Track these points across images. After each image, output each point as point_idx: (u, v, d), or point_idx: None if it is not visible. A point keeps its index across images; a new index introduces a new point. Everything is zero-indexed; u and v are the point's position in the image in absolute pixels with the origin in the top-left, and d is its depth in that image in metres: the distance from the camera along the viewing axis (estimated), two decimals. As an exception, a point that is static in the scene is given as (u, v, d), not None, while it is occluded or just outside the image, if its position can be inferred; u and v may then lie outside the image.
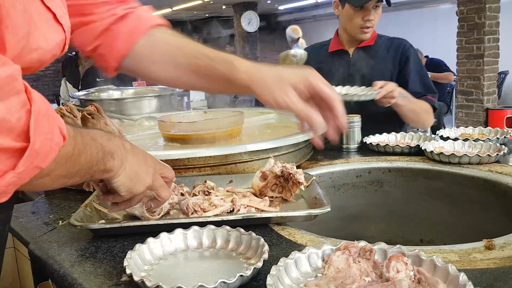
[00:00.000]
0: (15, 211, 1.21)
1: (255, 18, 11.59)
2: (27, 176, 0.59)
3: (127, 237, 0.98)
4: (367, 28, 2.03)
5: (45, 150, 0.60)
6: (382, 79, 2.04)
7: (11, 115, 0.55)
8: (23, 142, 0.57)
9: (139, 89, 2.84)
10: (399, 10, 11.16)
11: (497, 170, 1.37)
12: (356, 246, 0.78)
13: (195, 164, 1.32)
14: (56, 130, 0.62)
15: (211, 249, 0.91)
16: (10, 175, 0.57)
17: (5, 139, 0.55)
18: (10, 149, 0.56)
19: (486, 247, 0.87)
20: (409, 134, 1.77)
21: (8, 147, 0.56)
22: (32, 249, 0.98)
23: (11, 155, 0.56)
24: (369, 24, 2.02)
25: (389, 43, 2.12)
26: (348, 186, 1.55)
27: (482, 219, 1.39)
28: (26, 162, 0.57)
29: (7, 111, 0.55)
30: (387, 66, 2.08)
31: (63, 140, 0.63)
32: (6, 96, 0.55)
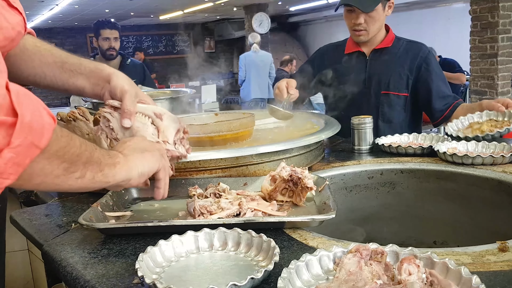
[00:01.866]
0: (28, 214, 1.23)
1: (266, 20, 11.59)
2: (25, 154, 0.60)
3: (138, 239, 0.99)
4: (359, 31, 2.02)
5: (38, 126, 0.61)
6: (399, 83, 2.03)
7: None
8: (13, 117, 0.58)
9: (151, 91, 2.85)
10: (412, 10, 11.08)
11: (511, 171, 1.36)
12: (368, 249, 0.77)
13: (206, 166, 1.33)
14: (43, 111, 0.64)
15: (222, 251, 0.91)
16: (6, 151, 0.58)
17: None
18: (2, 123, 0.57)
19: (500, 249, 0.86)
20: (421, 135, 1.76)
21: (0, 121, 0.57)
22: (46, 251, 0.99)
23: (4, 132, 0.58)
24: (358, 27, 2.01)
25: (408, 46, 2.09)
26: (360, 187, 1.54)
27: (496, 220, 1.37)
28: (20, 136, 0.59)
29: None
30: (404, 70, 2.05)
31: (54, 121, 0.65)
32: None
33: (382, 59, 2.09)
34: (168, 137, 1.04)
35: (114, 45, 3.54)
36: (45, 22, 12.11)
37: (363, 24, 1.99)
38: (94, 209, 1.05)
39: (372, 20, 2.00)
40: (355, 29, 2.03)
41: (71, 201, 1.33)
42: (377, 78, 2.06)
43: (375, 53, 2.10)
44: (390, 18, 2.11)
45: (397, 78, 2.04)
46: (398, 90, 2.04)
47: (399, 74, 2.05)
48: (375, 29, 2.04)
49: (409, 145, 1.62)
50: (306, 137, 1.45)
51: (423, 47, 2.10)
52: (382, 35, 2.10)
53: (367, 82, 2.07)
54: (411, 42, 2.13)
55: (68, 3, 9.32)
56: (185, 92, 2.62)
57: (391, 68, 2.06)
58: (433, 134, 1.74)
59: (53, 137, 0.65)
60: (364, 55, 2.12)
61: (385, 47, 2.09)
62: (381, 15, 2.02)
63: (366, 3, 1.93)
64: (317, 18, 14.33)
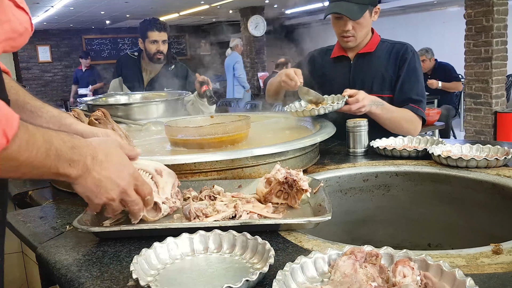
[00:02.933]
0: (23, 216, 1.23)
1: (262, 23, 11.62)
2: None
3: (133, 241, 0.99)
4: (347, 38, 2.04)
5: None
6: (382, 85, 2.05)
7: None
8: None
9: (146, 94, 2.84)
10: (407, 13, 11.13)
11: (505, 174, 1.36)
12: (362, 251, 0.78)
13: (201, 169, 1.33)
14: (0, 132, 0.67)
15: (217, 254, 0.91)
16: None
17: None
18: None
19: (494, 251, 0.87)
20: (416, 138, 1.76)
21: None
22: (40, 254, 0.99)
23: None
24: (346, 34, 2.03)
25: (390, 48, 2.11)
26: (355, 190, 1.54)
27: (490, 223, 1.38)
28: None
29: None
30: (387, 72, 2.06)
31: (6, 142, 0.68)
32: None
33: (365, 63, 2.11)
34: (167, 193, 1.07)
35: (162, 48, 3.23)
36: (40, 24, 12.07)
37: (351, 31, 2.02)
38: (89, 212, 1.05)
39: (359, 27, 2.02)
40: (343, 36, 2.05)
41: (65, 203, 1.32)
42: (361, 81, 2.08)
43: (358, 57, 2.13)
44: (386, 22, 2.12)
45: (380, 80, 2.06)
46: (382, 91, 2.05)
47: (382, 76, 2.06)
48: (362, 35, 2.06)
49: (403, 148, 1.63)
50: (302, 139, 1.45)
51: (407, 47, 2.10)
52: (367, 39, 2.12)
53: (351, 85, 2.08)
54: (394, 43, 2.14)
55: (63, 4, 9.29)
56: (180, 94, 2.62)
57: (373, 71, 2.08)
58: (428, 137, 1.75)
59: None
60: (348, 59, 2.15)
61: (367, 52, 2.11)
62: (368, 21, 2.04)
63: (354, 11, 1.96)
64: (313, 21, 14.35)
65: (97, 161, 0.88)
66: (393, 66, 2.06)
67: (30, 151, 0.74)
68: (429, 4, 10.82)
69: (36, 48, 12.97)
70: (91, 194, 0.89)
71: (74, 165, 0.83)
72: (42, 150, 0.76)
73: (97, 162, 0.88)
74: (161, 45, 3.23)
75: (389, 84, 2.05)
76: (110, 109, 2.15)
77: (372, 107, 1.85)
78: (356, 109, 1.80)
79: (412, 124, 2.00)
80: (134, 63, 3.35)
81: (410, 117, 2.00)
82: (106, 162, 0.89)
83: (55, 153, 0.79)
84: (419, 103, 2.02)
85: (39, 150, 0.76)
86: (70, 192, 1.40)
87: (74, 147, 0.84)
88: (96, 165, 0.87)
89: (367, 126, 1.74)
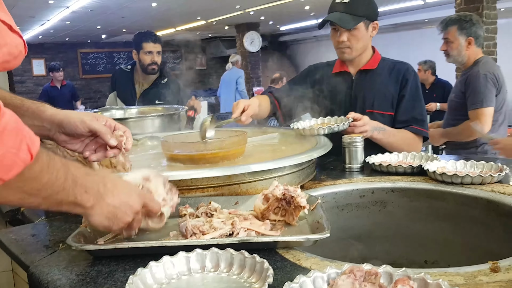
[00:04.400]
0: (14, 234, 1.20)
1: (257, 38, 11.71)
2: None
3: (129, 260, 0.97)
4: (343, 49, 2.08)
5: (8, 162, 0.65)
6: (384, 102, 2.07)
7: None
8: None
9: (142, 108, 2.84)
10: (399, 31, 11.26)
11: (499, 191, 1.37)
12: (362, 270, 0.77)
13: (198, 185, 1.32)
14: (24, 147, 0.67)
15: (215, 273, 0.89)
16: None
17: None
18: None
19: (492, 269, 0.86)
20: (411, 154, 1.77)
21: None
22: (32, 274, 0.97)
23: None
24: (341, 46, 2.06)
25: (392, 66, 2.13)
26: (352, 206, 1.54)
27: (487, 240, 1.37)
28: None
29: None
30: (388, 90, 2.09)
31: (30, 159, 0.68)
32: None
33: (367, 79, 2.13)
34: (161, 194, 1.06)
35: (157, 59, 3.33)
36: (36, 38, 12.10)
37: (346, 42, 2.05)
38: (83, 229, 1.03)
39: (354, 38, 2.05)
40: (339, 47, 2.09)
41: (58, 221, 1.30)
42: (362, 97, 2.10)
43: (360, 74, 2.14)
44: (378, 39, 2.15)
45: (381, 98, 2.08)
46: (383, 109, 2.07)
47: (384, 94, 2.08)
48: (358, 48, 2.08)
49: (399, 164, 1.63)
50: (298, 155, 1.45)
51: (408, 67, 2.13)
52: (368, 56, 2.15)
53: (352, 101, 2.11)
54: (395, 62, 2.17)
55: (59, 18, 9.33)
56: (177, 109, 2.62)
57: (375, 88, 2.10)
58: (422, 153, 1.76)
59: (23, 172, 0.68)
60: (350, 75, 2.17)
61: (370, 69, 2.13)
62: (364, 34, 2.07)
63: (347, 21, 2.00)
64: (307, 37, 14.50)
65: (108, 188, 0.90)
66: (394, 85, 2.08)
67: (50, 173, 0.75)
68: (420, 23, 10.96)
69: (30, 62, 12.98)
70: (109, 221, 0.91)
71: (89, 192, 0.85)
72: (61, 173, 0.77)
73: (108, 189, 0.90)
74: (156, 56, 3.31)
75: (390, 102, 2.07)
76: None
77: (374, 133, 1.89)
78: (358, 132, 1.83)
79: (413, 145, 2.03)
80: (127, 76, 3.42)
81: (411, 139, 2.03)
82: (115, 188, 0.91)
83: (72, 178, 0.80)
84: (421, 123, 2.06)
85: (59, 172, 0.77)
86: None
87: (88, 174, 0.86)
88: (108, 192, 0.90)
89: (363, 142, 1.74)
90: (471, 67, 3.06)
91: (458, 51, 3.04)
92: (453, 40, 3.03)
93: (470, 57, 3.07)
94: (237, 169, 1.32)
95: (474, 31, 3.02)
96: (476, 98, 2.93)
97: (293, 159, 1.42)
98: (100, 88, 14.11)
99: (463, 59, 3.08)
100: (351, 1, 2.02)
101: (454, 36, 3.03)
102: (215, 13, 9.88)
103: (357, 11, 2.01)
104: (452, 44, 3.04)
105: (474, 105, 2.94)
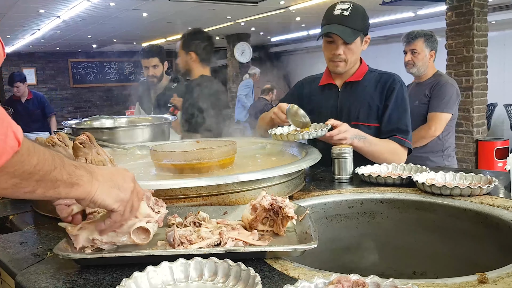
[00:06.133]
0: (2, 241, 1.19)
1: (248, 49, 11.76)
2: None
3: (116, 268, 0.97)
4: (337, 62, 2.05)
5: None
6: (368, 114, 2.06)
7: None
8: None
9: (132, 118, 2.84)
10: (390, 43, 11.38)
11: (488, 202, 1.38)
12: (349, 280, 0.77)
13: (187, 194, 1.31)
14: (11, 134, 0.67)
15: (199, 282, 0.89)
16: None
17: None
18: None
19: (480, 280, 0.87)
20: (400, 165, 1.78)
21: None
22: (19, 281, 0.96)
23: None
24: (336, 59, 2.04)
25: (378, 77, 2.12)
26: (341, 217, 1.54)
27: (475, 252, 1.38)
28: None
29: None
30: (374, 101, 2.08)
31: (18, 145, 0.69)
32: None
33: (352, 91, 2.12)
34: (146, 211, 1.04)
35: (153, 72, 3.64)
36: (26, 47, 12.04)
37: (342, 55, 2.03)
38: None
39: (350, 52, 2.04)
40: (333, 60, 2.06)
41: (47, 229, 1.29)
42: (347, 110, 2.09)
43: (346, 86, 2.14)
44: (369, 51, 2.15)
45: (367, 110, 2.07)
46: (368, 121, 2.06)
47: (369, 105, 2.08)
48: (352, 61, 2.07)
49: (388, 175, 1.64)
50: (287, 165, 1.45)
51: (394, 78, 2.11)
52: (355, 68, 2.14)
53: (338, 113, 2.10)
54: (382, 73, 2.16)
55: (50, 28, 9.31)
56: (167, 118, 2.62)
57: (360, 100, 2.09)
58: (412, 165, 1.77)
59: (12, 158, 0.68)
60: (336, 87, 2.16)
61: (355, 81, 2.12)
62: (359, 48, 2.07)
63: (348, 34, 1.98)
64: (298, 49, 14.60)
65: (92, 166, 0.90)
66: (379, 96, 2.08)
67: (38, 154, 0.74)
68: (411, 35, 11.09)
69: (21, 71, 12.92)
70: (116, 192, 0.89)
71: (79, 168, 0.84)
72: (47, 155, 0.77)
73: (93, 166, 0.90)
74: (152, 70, 3.61)
75: (375, 113, 2.06)
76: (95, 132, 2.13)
77: (354, 140, 1.86)
78: (337, 139, 1.81)
79: (396, 155, 1.99)
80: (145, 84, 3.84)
81: (394, 149, 1.99)
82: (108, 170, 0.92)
83: (59, 157, 0.79)
84: (405, 133, 2.02)
85: (45, 154, 0.76)
86: (52, 217, 1.37)
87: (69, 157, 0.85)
88: (95, 168, 0.89)
89: (352, 153, 1.75)
90: (432, 78, 3.25)
91: (423, 62, 3.23)
92: (419, 51, 3.21)
93: (429, 69, 3.27)
94: (226, 178, 1.32)
95: (435, 46, 3.27)
96: (439, 102, 3.12)
97: (282, 169, 1.42)
98: (91, 97, 14.07)
99: (424, 70, 3.26)
100: (351, 15, 1.99)
101: (421, 48, 3.21)
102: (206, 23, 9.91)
103: (355, 25, 1.99)
104: (418, 55, 3.21)
105: (436, 109, 3.12)
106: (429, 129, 3.10)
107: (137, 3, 7.43)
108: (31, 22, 8.68)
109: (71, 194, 0.83)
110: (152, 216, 1.05)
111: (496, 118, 9.41)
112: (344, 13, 1.99)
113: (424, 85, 3.24)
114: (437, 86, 3.16)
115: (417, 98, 3.21)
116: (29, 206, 1.54)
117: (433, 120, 3.10)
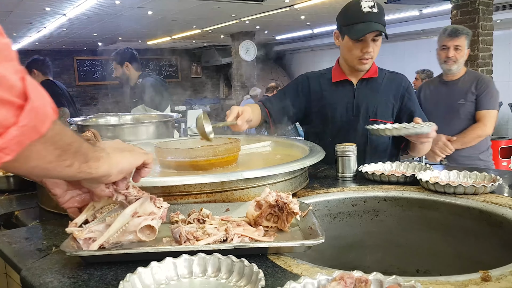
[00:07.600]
0: (8, 237, 1.20)
1: (252, 48, 11.76)
2: (27, 135, 0.64)
3: (120, 264, 0.97)
4: (366, 60, 2.04)
5: (43, 113, 0.67)
6: (385, 110, 2.08)
7: (9, 75, 0.61)
8: (23, 100, 0.63)
9: (137, 115, 2.85)
10: (395, 42, 11.35)
11: (492, 201, 1.38)
12: (352, 277, 0.77)
13: (191, 191, 1.32)
14: (48, 104, 0.69)
15: (203, 278, 0.89)
16: (13, 129, 0.62)
17: (7, 93, 0.61)
18: (13, 103, 0.62)
19: (483, 278, 0.87)
20: (404, 163, 1.78)
21: (10, 100, 0.61)
22: (25, 276, 0.97)
23: (13, 110, 0.62)
24: (367, 56, 2.02)
25: (391, 77, 2.16)
26: (344, 214, 1.54)
27: (478, 250, 1.38)
28: (27, 118, 0.63)
29: (5, 70, 0.61)
30: (389, 98, 2.11)
31: (55, 114, 0.70)
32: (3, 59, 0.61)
33: (368, 88, 2.13)
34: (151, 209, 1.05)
35: (115, 74, 4.15)
36: (32, 44, 12.09)
37: (372, 52, 2.02)
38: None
39: (377, 48, 2.05)
40: (363, 58, 2.03)
41: (52, 224, 1.30)
42: (365, 106, 2.09)
43: (361, 82, 2.14)
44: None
45: (384, 107, 2.09)
46: (385, 118, 2.08)
47: (385, 102, 2.10)
48: (375, 57, 2.08)
49: (392, 173, 1.64)
50: (291, 163, 1.46)
51: (404, 78, 2.18)
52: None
53: (355, 110, 2.10)
54: (392, 73, 2.20)
55: (56, 26, 9.34)
56: (171, 116, 2.63)
57: (377, 97, 2.11)
58: (416, 163, 1.77)
59: (52, 126, 0.70)
60: (352, 84, 2.15)
61: (371, 77, 2.13)
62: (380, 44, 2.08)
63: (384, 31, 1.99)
64: (302, 47, 14.58)
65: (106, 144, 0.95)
66: (394, 95, 2.11)
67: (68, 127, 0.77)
68: (415, 33, 11.06)
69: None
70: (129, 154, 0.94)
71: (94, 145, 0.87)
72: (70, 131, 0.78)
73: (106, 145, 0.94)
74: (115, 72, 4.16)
75: (391, 110, 2.11)
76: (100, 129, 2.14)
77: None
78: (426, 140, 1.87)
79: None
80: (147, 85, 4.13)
81: None
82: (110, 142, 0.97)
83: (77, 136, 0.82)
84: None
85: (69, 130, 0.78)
86: (57, 213, 1.38)
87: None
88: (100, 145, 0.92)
89: (356, 151, 1.75)
90: (466, 75, 3.18)
91: (463, 59, 3.15)
92: (462, 48, 3.10)
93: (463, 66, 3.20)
94: (230, 176, 1.32)
95: (470, 44, 3.17)
96: (489, 100, 3.05)
97: (286, 167, 1.42)
98: (96, 95, 14.11)
99: (461, 67, 3.18)
100: (379, 11, 1.98)
101: (464, 44, 3.11)
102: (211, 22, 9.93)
103: (384, 21, 2.00)
104: (461, 51, 3.11)
105: (488, 106, 3.05)
106: (484, 127, 3.03)
107: (142, 1, 7.45)
108: (37, 19, 8.72)
109: (100, 170, 0.86)
110: (156, 213, 1.05)
111: (500, 117, 9.35)
112: (373, 10, 1.97)
113: (463, 82, 3.16)
114: (483, 83, 3.09)
115: (462, 97, 3.13)
116: (34, 202, 1.55)
117: (486, 118, 3.04)
